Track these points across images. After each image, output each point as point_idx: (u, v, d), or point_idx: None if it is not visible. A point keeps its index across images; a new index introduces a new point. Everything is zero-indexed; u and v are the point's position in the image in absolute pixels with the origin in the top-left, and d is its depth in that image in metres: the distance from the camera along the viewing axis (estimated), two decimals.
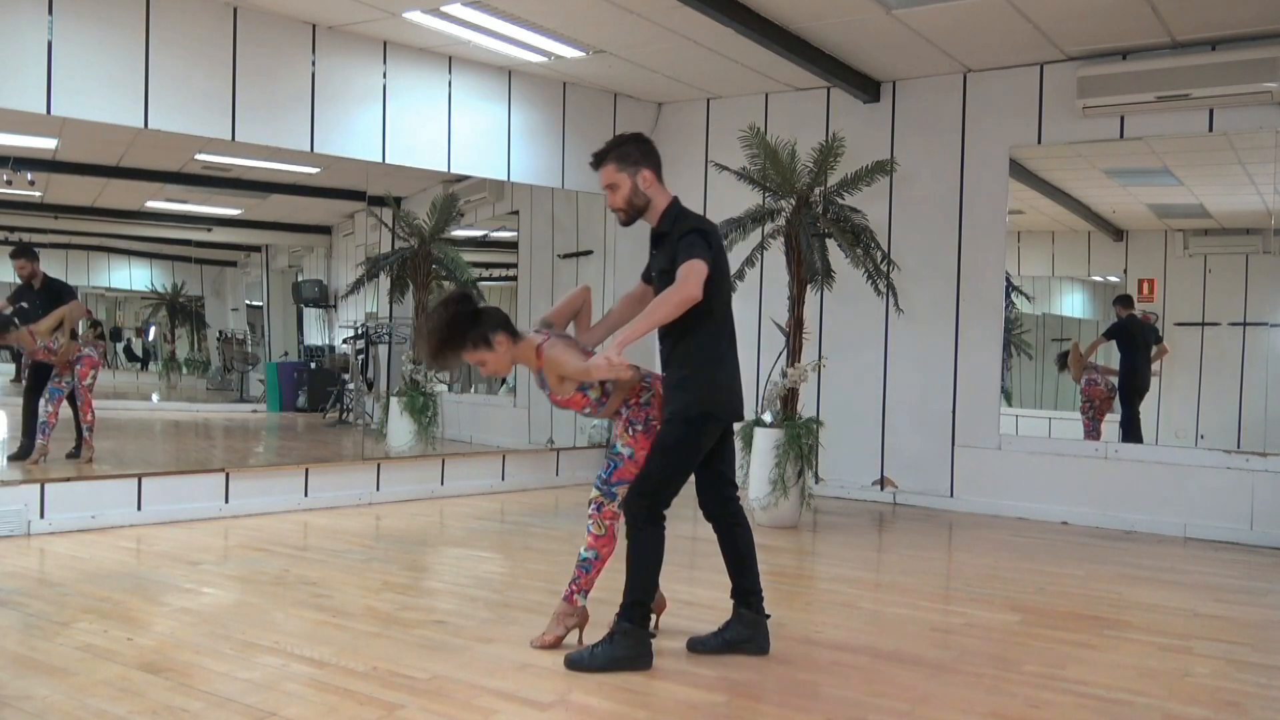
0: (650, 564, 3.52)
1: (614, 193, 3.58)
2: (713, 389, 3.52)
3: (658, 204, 3.57)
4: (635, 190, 3.55)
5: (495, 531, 6.32)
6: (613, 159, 3.55)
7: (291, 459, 8.15)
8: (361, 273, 9.11)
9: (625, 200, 3.56)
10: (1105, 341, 7.86)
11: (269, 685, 3.29)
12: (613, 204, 3.61)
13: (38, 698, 3.14)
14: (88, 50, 5.77)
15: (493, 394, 9.98)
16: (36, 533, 5.65)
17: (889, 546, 6.25)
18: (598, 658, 3.45)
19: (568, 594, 3.76)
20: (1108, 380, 7.83)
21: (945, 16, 6.21)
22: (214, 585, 4.66)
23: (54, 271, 7.44)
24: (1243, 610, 4.74)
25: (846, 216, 6.90)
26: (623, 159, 3.54)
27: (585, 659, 3.47)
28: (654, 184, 3.57)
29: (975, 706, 3.27)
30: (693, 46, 6.95)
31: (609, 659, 3.44)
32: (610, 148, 3.59)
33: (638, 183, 3.54)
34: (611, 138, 3.68)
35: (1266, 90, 6.14)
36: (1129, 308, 7.65)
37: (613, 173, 3.55)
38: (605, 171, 3.57)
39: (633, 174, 3.54)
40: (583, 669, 3.44)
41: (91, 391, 7.06)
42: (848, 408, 7.75)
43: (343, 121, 6.84)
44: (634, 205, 3.57)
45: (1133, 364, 7.67)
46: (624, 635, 3.47)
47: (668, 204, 3.58)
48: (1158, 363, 7.60)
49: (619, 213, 3.62)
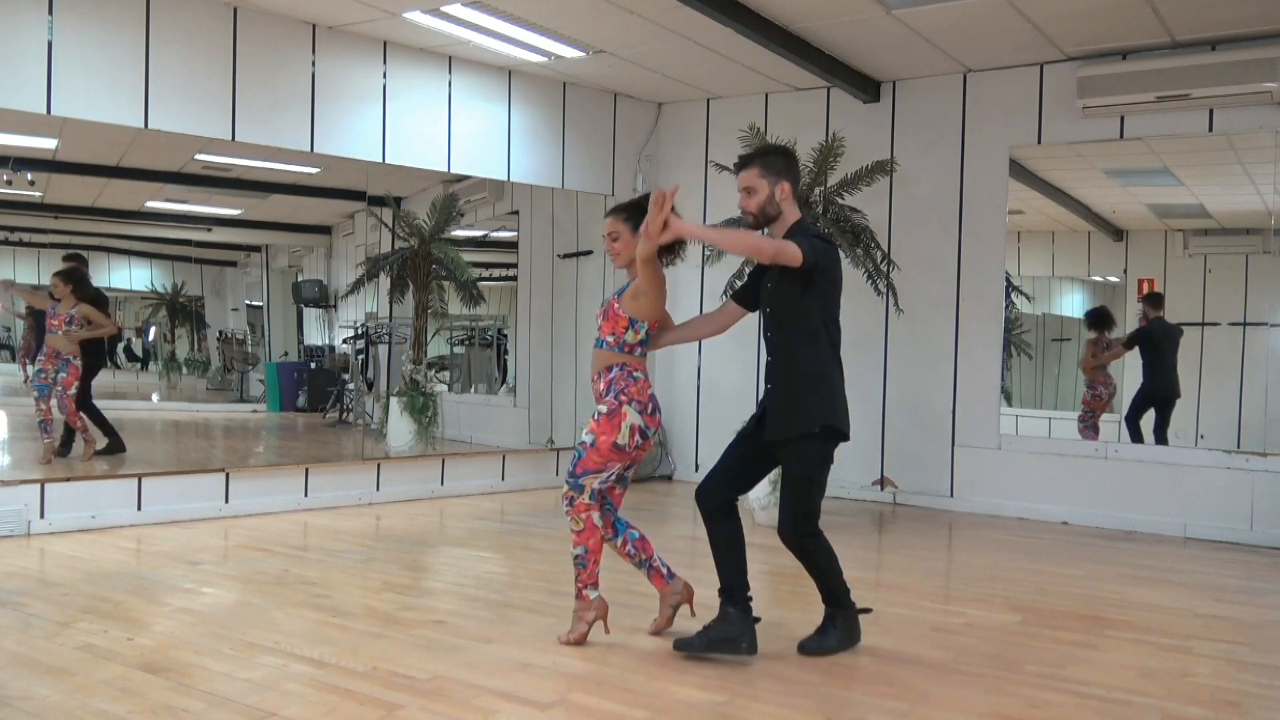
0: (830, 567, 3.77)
1: (749, 196, 3.65)
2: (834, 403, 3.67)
3: (787, 217, 3.65)
4: (771, 199, 3.62)
5: (495, 531, 6.32)
6: (759, 164, 3.64)
7: (291, 459, 8.15)
8: (361, 273, 9.11)
9: (759, 206, 3.63)
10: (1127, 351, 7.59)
11: (269, 685, 3.29)
12: (745, 206, 3.67)
13: (38, 698, 3.14)
14: (88, 50, 5.77)
15: (493, 394, 9.99)
16: (36, 533, 5.65)
17: (889, 546, 6.25)
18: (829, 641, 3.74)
19: (577, 592, 3.81)
20: (1109, 391, 7.72)
21: (945, 16, 6.21)
22: (214, 585, 4.66)
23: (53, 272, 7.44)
24: (1243, 610, 4.74)
25: (846, 217, 6.90)
26: (768, 166, 3.63)
27: (819, 645, 3.73)
28: (789, 198, 3.65)
29: (975, 706, 3.27)
30: (693, 46, 6.95)
31: (839, 640, 3.75)
32: (758, 153, 3.71)
33: (775, 192, 3.62)
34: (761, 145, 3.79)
35: (1266, 90, 6.14)
36: (1159, 308, 7.43)
37: (755, 177, 3.63)
38: (748, 174, 3.65)
39: (773, 183, 3.61)
40: (820, 653, 3.70)
41: (75, 402, 7.05)
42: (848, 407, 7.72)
43: (343, 121, 6.84)
44: (766, 213, 3.64)
45: (1164, 370, 7.41)
46: (842, 618, 3.77)
47: (796, 220, 3.66)
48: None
49: (748, 215, 3.68)
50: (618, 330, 3.78)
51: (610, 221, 3.79)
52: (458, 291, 9.54)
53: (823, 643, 3.74)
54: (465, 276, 9.35)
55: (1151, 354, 7.52)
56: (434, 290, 9.06)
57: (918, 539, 6.38)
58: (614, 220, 3.79)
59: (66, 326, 7.06)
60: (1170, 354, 7.40)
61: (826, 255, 3.58)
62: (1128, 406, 7.58)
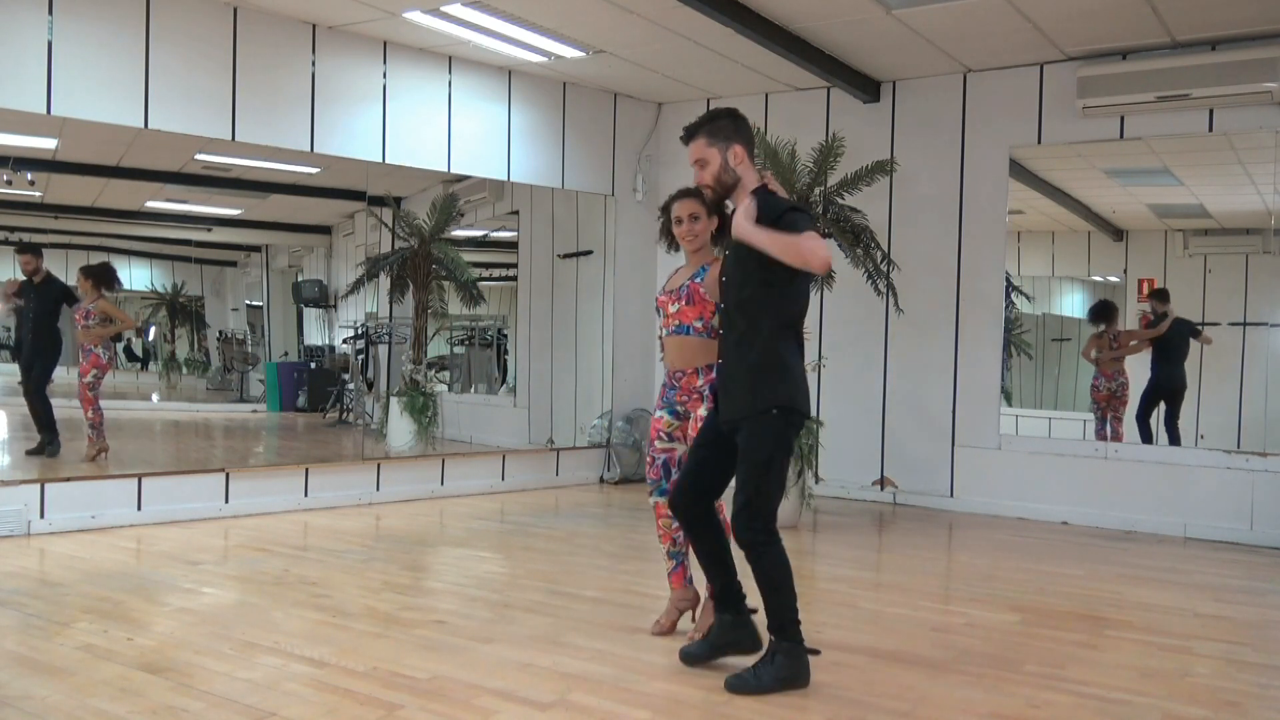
0: (786, 580, 3.35)
1: (702, 169, 3.43)
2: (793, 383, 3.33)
3: (747, 183, 3.41)
4: (725, 166, 3.39)
5: (495, 531, 6.32)
6: (704, 133, 3.41)
7: (291, 459, 8.15)
8: (361, 273, 9.11)
9: (713, 176, 3.41)
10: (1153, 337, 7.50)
11: (269, 685, 3.29)
12: (699, 180, 3.47)
13: (38, 698, 3.14)
14: (88, 50, 5.77)
15: (493, 394, 9.99)
16: (36, 533, 5.65)
17: (889, 546, 6.25)
18: (763, 679, 3.31)
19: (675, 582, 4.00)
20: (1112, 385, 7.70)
21: (945, 16, 6.21)
22: (214, 585, 4.66)
23: (54, 272, 7.45)
24: (1243, 610, 4.74)
25: (846, 216, 6.90)
26: (714, 133, 3.40)
27: (750, 682, 3.31)
28: (745, 161, 3.41)
29: (975, 706, 3.27)
30: (693, 46, 6.95)
31: (774, 679, 3.30)
32: (702, 121, 3.46)
33: (728, 158, 3.38)
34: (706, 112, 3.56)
35: (1266, 90, 6.14)
36: (1166, 303, 7.39)
37: (702, 147, 3.41)
38: (695, 146, 3.43)
39: (723, 149, 3.38)
40: (748, 692, 3.28)
41: (93, 390, 7.11)
42: (848, 408, 7.74)
43: (343, 121, 6.84)
44: (722, 182, 3.41)
45: (1174, 364, 7.37)
46: (785, 654, 3.33)
47: (759, 186, 3.40)
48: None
49: (706, 190, 3.48)
50: (706, 315, 3.72)
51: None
52: (458, 291, 9.54)
53: (756, 679, 3.30)
54: (465, 276, 9.35)
55: (1165, 348, 7.47)
56: (434, 290, 9.06)
57: (918, 539, 6.37)
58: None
59: (85, 321, 7.26)
60: (1183, 348, 7.36)
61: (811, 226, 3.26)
62: (1137, 403, 7.55)
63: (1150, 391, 7.52)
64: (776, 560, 3.33)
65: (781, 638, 3.34)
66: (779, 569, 3.33)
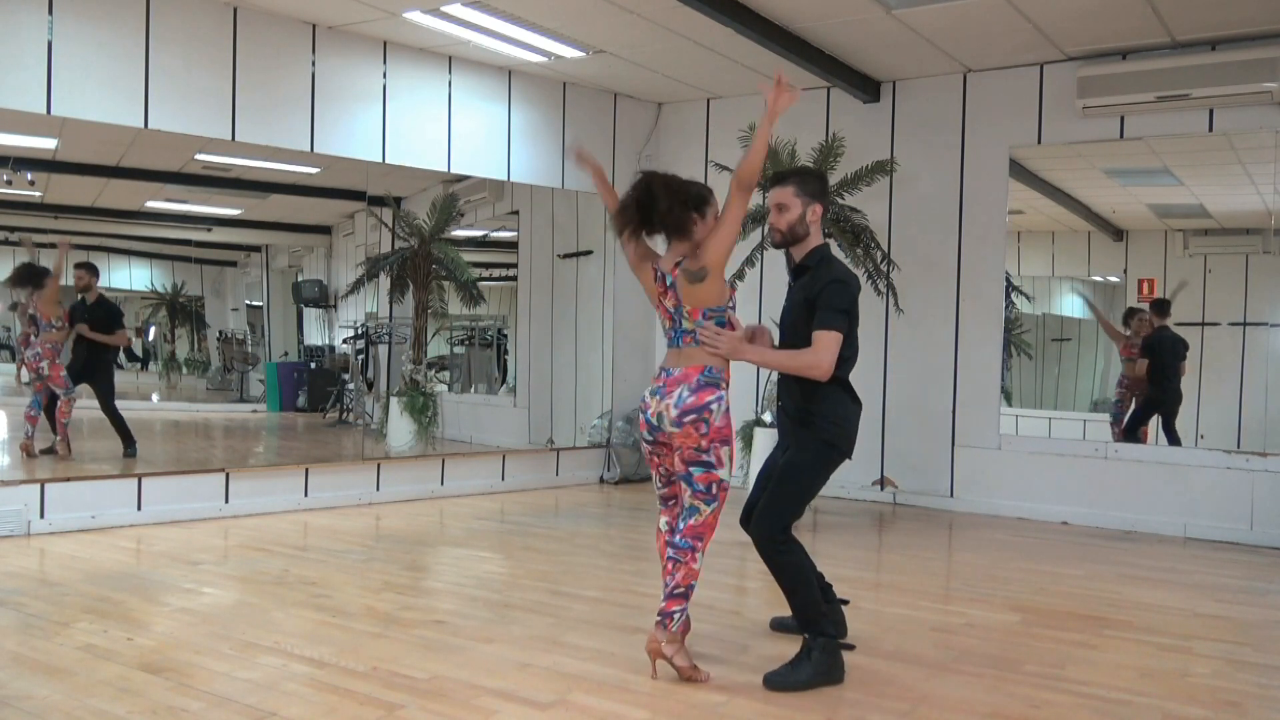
0: (807, 581, 3.54)
1: (780, 213, 3.63)
2: (845, 425, 3.61)
3: (812, 240, 3.65)
4: (801, 220, 3.61)
5: (495, 531, 6.32)
6: (795, 182, 3.65)
7: (291, 459, 8.14)
8: (361, 273, 9.11)
9: (789, 225, 3.62)
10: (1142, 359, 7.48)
11: (269, 685, 3.29)
12: (774, 222, 3.65)
13: (38, 698, 3.14)
14: (88, 50, 5.77)
15: (493, 394, 9.99)
16: (36, 533, 5.65)
17: (889, 546, 6.25)
18: (800, 674, 3.40)
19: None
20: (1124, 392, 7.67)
21: (945, 16, 6.21)
22: (214, 585, 4.66)
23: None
24: (1243, 610, 4.74)
25: (846, 216, 6.90)
26: (804, 186, 3.64)
27: (788, 678, 3.40)
28: (818, 221, 3.65)
29: (975, 706, 3.27)
30: (693, 46, 6.95)
31: (811, 674, 3.41)
32: (795, 172, 3.76)
33: (807, 213, 3.61)
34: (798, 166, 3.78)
35: (1266, 90, 6.14)
36: (1164, 316, 7.34)
37: (790, 195, 3.62)
38: (782, 191, 3.64)
39: (806, 204, 3.61)
40: (785, 688, 3.37)
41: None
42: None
43: (343, 121, 6.84)
44: (795, 233, 3.63)
45: (1165, 379, 7.34)
46: (820, 650, 3.44)
47: (819, 245, 3.67)
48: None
49: (775, 233, 3.66)
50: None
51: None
52: (458, 291, 9.54)
53: (793, 676, 3.40)
54: (465, 276, 9.35)
55: (1156, 361, 7.42)
56: (434, 290, 9.06)
57: (918, 539, 6.38)
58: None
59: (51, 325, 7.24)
60: (1173, 363, 7.31)
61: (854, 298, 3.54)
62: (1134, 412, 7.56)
63: (1144, 405, 7.50)
64: (793, 561, 3.51)
65: (815, 634, 3.47)
66: (797, 569, 3.52)
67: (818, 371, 3.47)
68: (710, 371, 3.45)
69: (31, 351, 7.08)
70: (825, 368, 3.46)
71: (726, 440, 3.46)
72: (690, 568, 3.43)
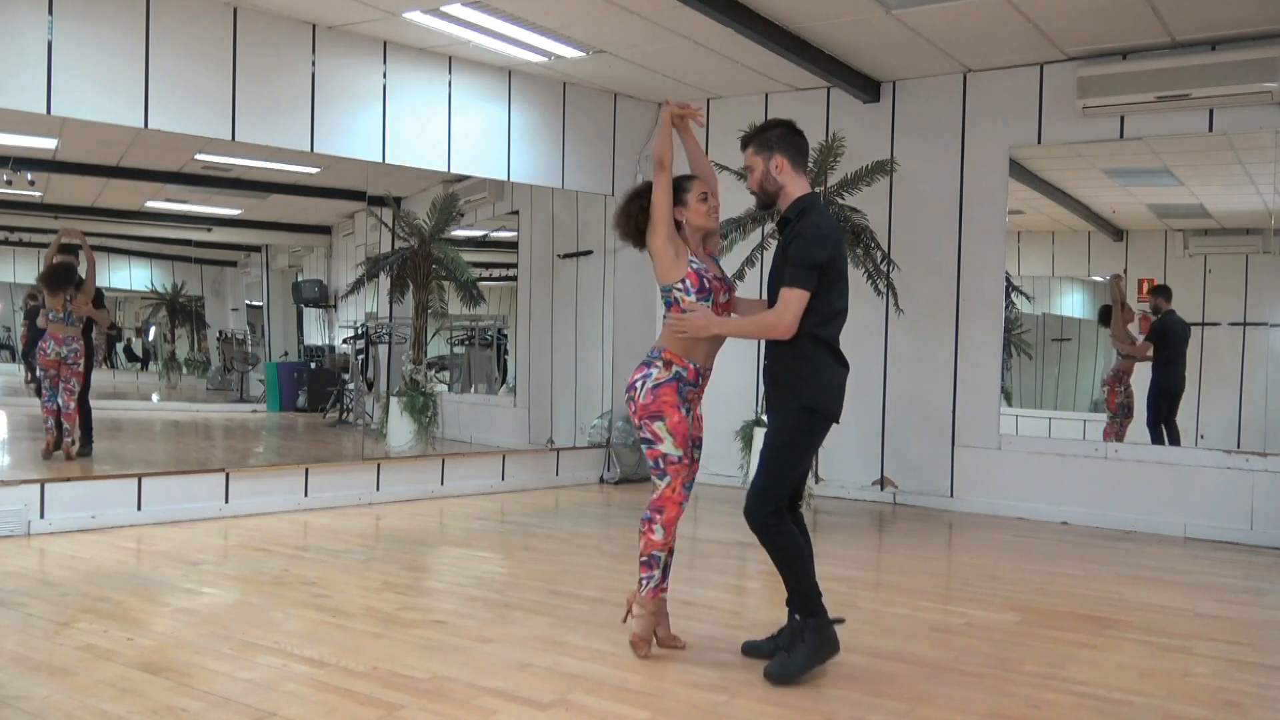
0: (797, 559, 3.49)
1: (750, 175, 3.62)
2: (825, 387, 3.53)
3: (790, 192, 3.57)
4: (767, 174, 3.56)
5: (495, 531, 6.32)
6: (753, 142, 3.61)
7: (291, 459, 8.14)
8: (361, 273, 9.10)
9: (757, 184, 3.60)
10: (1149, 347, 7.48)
11: (269, 685, 3.29)
12: (749, 186, 3.66)
13: (38, 698, 3.14)
14: (88, 50, 5.77)
15: (493, 394, 9.98)
16: (36, 533, 5.65)
17: (889, 546, 6.25)
18: (798, 659, 3.43)
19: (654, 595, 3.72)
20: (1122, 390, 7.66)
21: (945, 16, 6.21)
22: (214, 585, 4.66)
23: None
24: (1243, 610, 4.74)
25: (846, 216, 6.90)
26: (761, 143, 3.58)
27: (789, 666, 3.42)
28: (787, 170, 3.55)
29: (975, 706, 3.27)
30: (693, 46, 6.95)
31: (807, 655, 3.44)
32: (754, 130, 3.66)
33: (769, 167, 3.55)
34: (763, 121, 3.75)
35: (1266, 90, 6.14)
36: (1169, 300, 7.35)
37: (750, 155, 3.60)
38: (746, 154, 3.63)
39: (767, 158, 3.55)
40: (788, 677, 3.40)
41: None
42: (848, 408, 7.69)
43: (343, 121, 6.84)
44: (765, 190, 3.59)
45: (1171, 366, 7.34)
46: (811, 630, 3.46)
47: (801, 196, 3.57)
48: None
49: (754, 195, 3.66)
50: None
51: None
52: (458, 291, 9.54)
53: (791, 663, 3.43)
54: (465, 276, 9.34)
55: (1167, 349, 7.42)
56: (434, 290, 9.05)
57: (918, 539, 6.37)
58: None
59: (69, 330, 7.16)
60: (1181, 348, 7.32)
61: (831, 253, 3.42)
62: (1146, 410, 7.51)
63: (1157, 395, 7.47)
64: (787, 540, 3.48)
65: (806, 614, 3.48)
66: (792, 546, 3.49)
67: (778, 331, 3.42)
68: (653, 351, 3.62)
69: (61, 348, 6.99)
70: (785, 327, 3.39)
71: (654, 416, 3.56)
72: (649, 538, 3.66)
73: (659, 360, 3.58)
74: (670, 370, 3.58)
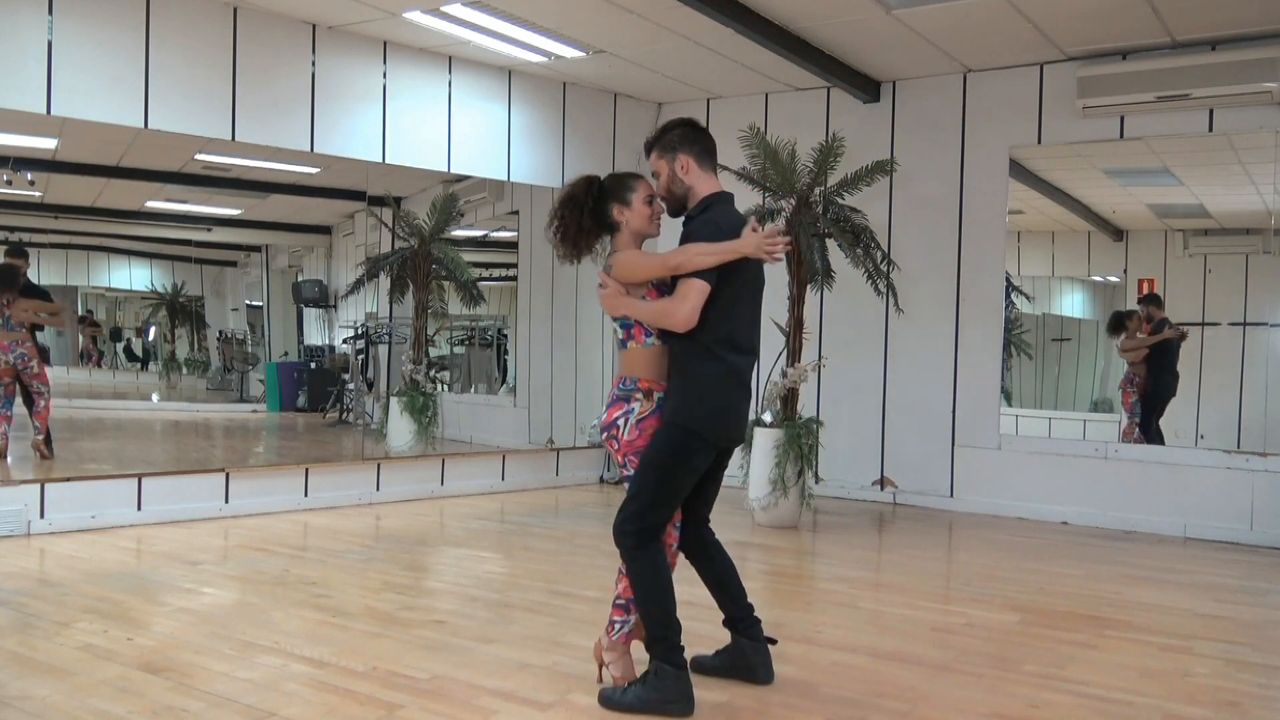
0: (653, 593, 3.16)
1: (657, 180, 3.39)
2: (699, 404, 3.18)
3: (698, 191, 3.32)
4: (673, 177, 3.32)
5: (495, 531, 6.32)
6: (656, 145, 3.39)
7: (291, 459, 8.15)
8: (361, 273, 9.11)
9: (664, 188, 3.36)
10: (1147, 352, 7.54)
11: (269, 685, 3.29)
12: (658, 191, 3.39)
13: (38, 698, 3.14)
14: (88, 50, 5.77)
15: (493, 394, 9.99)
16: (36, 533, 5.65)
17: (889, 546, 6.25)
18: (626, 694, 3.15)
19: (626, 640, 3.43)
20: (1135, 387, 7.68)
21: (945, 16, 6.21)
22: (214, 585, 4.66)
23: (54, 271, 7.45)
24: (1243, 610, 4.74)
25: (846, 216, 6.90)
26: (663, 145, 3.36)
27: (613, 696, 3.17)
28: (694, 170, 3.31)
29: (975, 706, 3.27)
30: (693, 46, 6.95)
31: (636, 698, 3.12)
32: (656, 133, 3.42)
33: (675, 169, 3.32)
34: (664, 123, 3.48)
35: (1266, 90, 6.14)
36: (1161, 309, 7.41)
37: (655, 159, 3.38)
38: (652, 159, 3.40)
39: (670, 160, 3.33)
40: (610, 706, 3.15)
41: None
42: (848, 408, 7.75)
43: (343, 121, 6.84)
44: (673, 193, 3.35)
45: (1166, 373, 7.41)
46: (657, 676, 3.13)
47: (706, 195, 3.31)
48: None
49: (661, 199, 3.39)
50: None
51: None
52: (458, 291, 9.54)
53: (620, 695, 3.14)
54: (465, 276, 9.34)
55: (1164, 356, 7.47)
56: (434, 290, 9.05)
57: (918, 539, 6.37)
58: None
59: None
60: (1176, 352, 7.38)
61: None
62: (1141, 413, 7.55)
63: (1150, 400, 7.51)
64: (645, 568, 3.16)
65: (652, 656, 3.17)
66: (647, 577, 3.16)
67: (674, 320, 3.10)
68: (624, 384, 3.27)
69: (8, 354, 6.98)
70: (682, 317, 3.09)
71: (640, 451, 3.23)
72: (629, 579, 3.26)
73: (637, 392, 3.24)
74: (653, 400, 3.24)
